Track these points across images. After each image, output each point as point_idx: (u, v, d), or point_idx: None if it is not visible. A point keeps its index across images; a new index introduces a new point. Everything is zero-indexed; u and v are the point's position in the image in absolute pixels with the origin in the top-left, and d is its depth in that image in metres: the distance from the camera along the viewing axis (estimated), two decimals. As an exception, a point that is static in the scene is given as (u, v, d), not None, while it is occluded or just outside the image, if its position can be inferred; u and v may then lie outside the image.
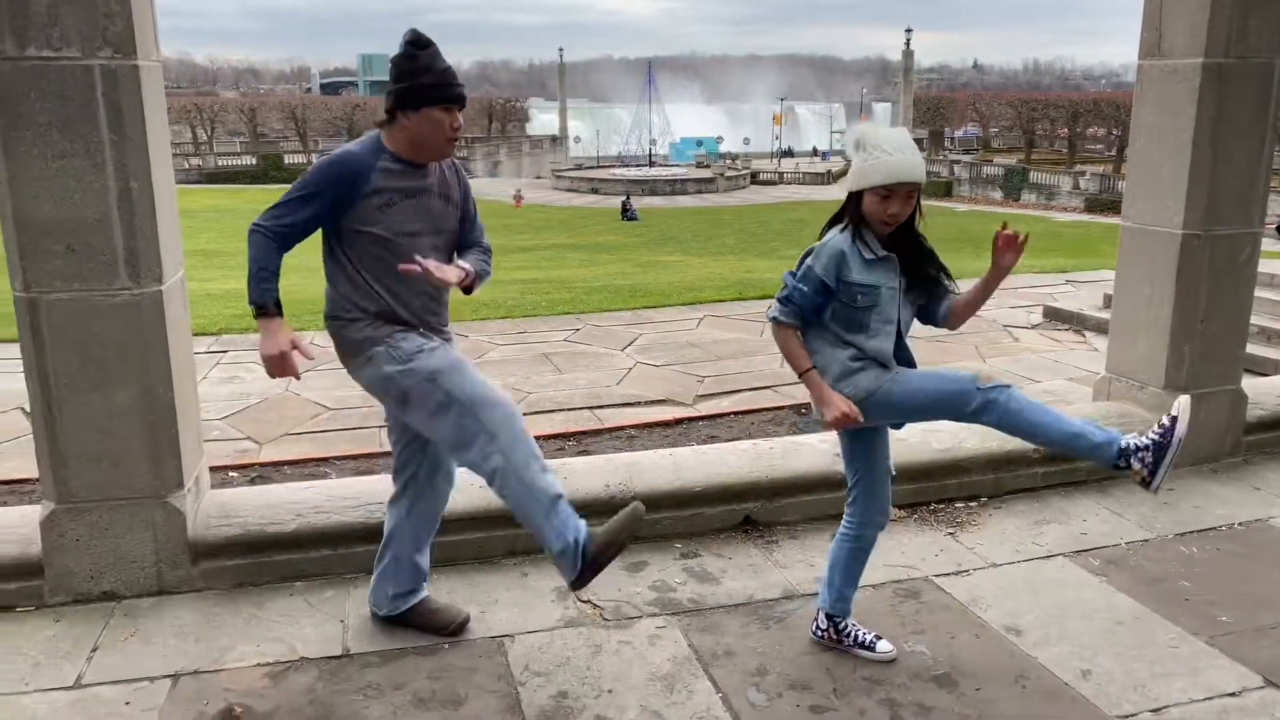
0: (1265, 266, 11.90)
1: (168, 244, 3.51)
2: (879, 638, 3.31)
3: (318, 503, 3.87)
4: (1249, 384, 5.20)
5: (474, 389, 3.01)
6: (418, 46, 3.00)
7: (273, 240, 3.03)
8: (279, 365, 3.01)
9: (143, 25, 3.33)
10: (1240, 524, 4.33)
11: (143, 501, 3.56)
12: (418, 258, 2.98)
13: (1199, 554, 4.07)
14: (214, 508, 3.82)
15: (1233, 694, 3.11)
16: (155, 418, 3.52)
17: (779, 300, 3.04)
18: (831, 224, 3.08)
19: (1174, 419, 2.96)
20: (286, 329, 3.04)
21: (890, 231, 2.95)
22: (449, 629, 3.43)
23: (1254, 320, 9.90)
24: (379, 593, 3.46)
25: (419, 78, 2.99)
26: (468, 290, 3.20)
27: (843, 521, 3.34)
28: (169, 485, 3.59)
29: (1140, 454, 2.94)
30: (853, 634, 3.31)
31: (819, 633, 3.37)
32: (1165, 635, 3.45)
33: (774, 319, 3.04)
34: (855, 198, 2.94)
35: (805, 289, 2.98)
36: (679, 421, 7.12)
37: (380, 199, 3.02)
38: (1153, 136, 4.75)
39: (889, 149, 2.85)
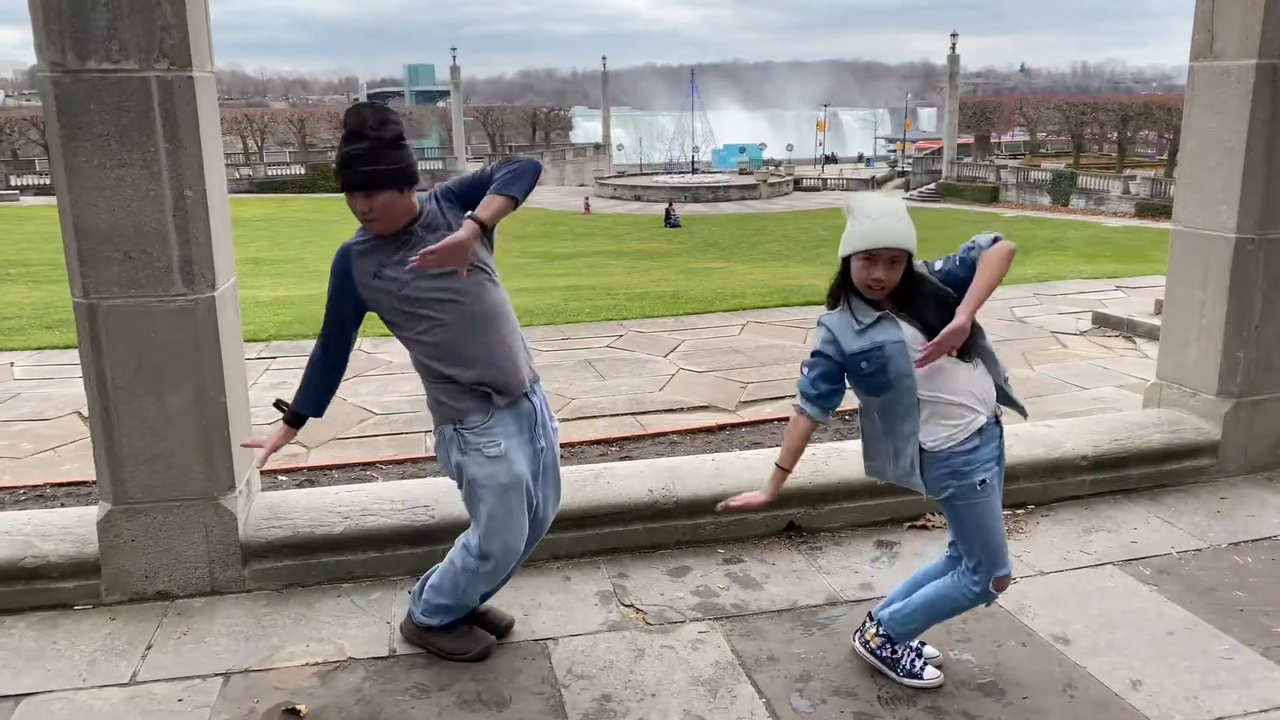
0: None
1: (220, 251, 3.59)
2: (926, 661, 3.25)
3: (365, 505, 3.93)
4: (1306, 391, 5.08)
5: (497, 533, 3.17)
6: (345, 127, 2.96)
7: (317, 348, 3.23)
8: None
9: (197, 37, 3.42)
10: (1297, 534, 4.23)
11: (196, 503, 3.64)
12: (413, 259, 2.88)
13: (1253, 564, 3.98)
14: (264, 510, 3.90)
15: (1289, 707, 3.04)
16: (208, 421, 3.60)
17: (799, 392, 3.05)
18: (830, 297, 3.04)
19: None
20: (278, 437, 3.29)
21: (881, 297, 2.90)
22: (495, 631, 3.46)
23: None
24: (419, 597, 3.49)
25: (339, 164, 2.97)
26: (488, 226, 2.98)
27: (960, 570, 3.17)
28: (221, 487, 3.66)
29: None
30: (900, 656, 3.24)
31: (862, 640, 3.32)
32: (1218, 646, 3.38)
33: (797, 408, 3.05)
34: (845, 265, 2.91)
35: (810, 373, 3.01)
36: (721, 428, 7.12)
37: (370, 280, 3.05)
38: (1204, 139, 4.67)
39: (870, 214, 2.84)
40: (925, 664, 3.22)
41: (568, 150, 72.50)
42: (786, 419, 7.21)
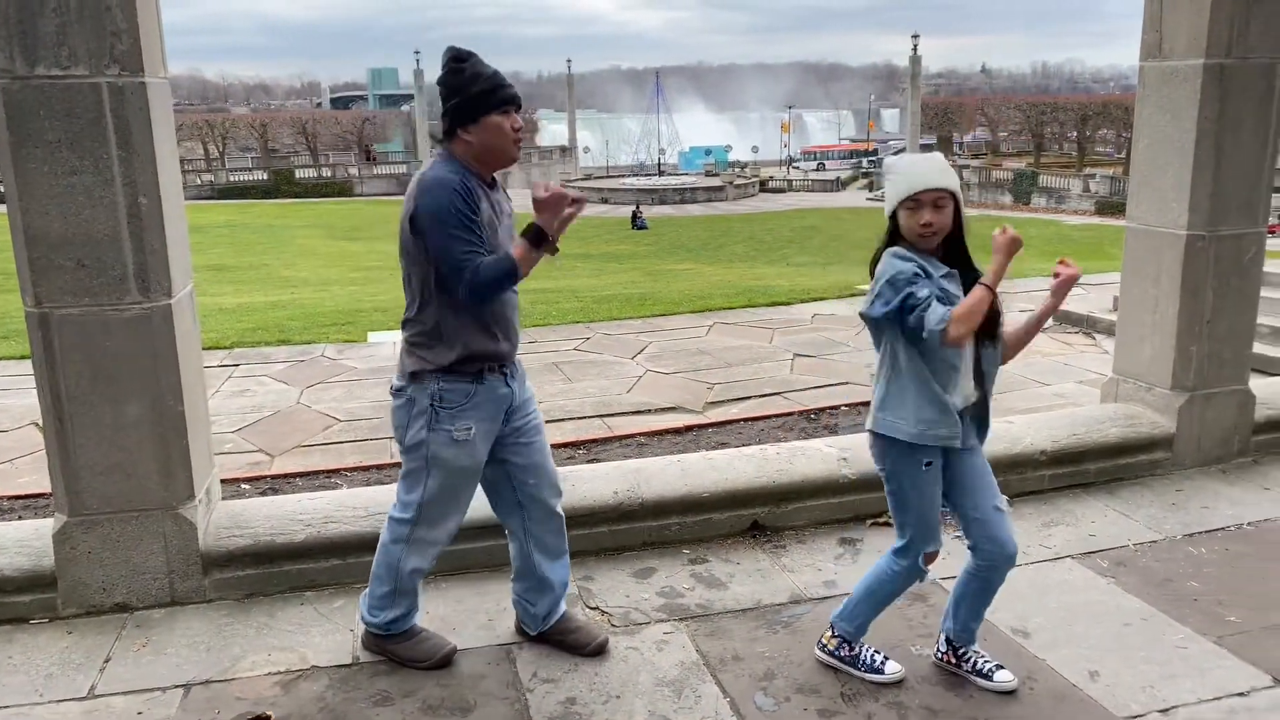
0: (1275, 266, 11.88)
1: (177, 258, 3.55)
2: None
3: (328, 513, 3.90)
4: (1257, 384, 5.19)
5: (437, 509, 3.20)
6: (459, 61, 2.99)
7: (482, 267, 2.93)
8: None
9: (150, 43, 3.38)
10: (1249, 524, 4.32)
11: (154, 513, 3.60)
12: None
13: (1207, 554, 4.06)
14: (225, 519, 3.86)
15: (1241, 694, 3.10)
16: (166, 430, 3.56)
17: (921, 312, 2.79)
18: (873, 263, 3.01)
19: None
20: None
21: (933, 246, 2.91)
22: (587, 649, 3.39)
23: (1266, 320, 9.89)
24: (525, 613, 3.46)
25: (469, 89, 2.96)
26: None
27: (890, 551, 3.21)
28: (180, 497, 3.62)
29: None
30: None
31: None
32: (1174, 636, 3.44)
33: (939, 329, 2.77)
34: (894, 223, 2.93)
35: (920, 290, 2.82)
36: (689, 429, 7.14)
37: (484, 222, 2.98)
38: (1155, 138, 4.76)
39: (911, 163, 2.93)
40: (885, 659, 3.25)
41: (534, 153, 72.25)
42: (755, 419, 7.30)
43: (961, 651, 3.24)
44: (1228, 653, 3.32)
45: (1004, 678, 3.16)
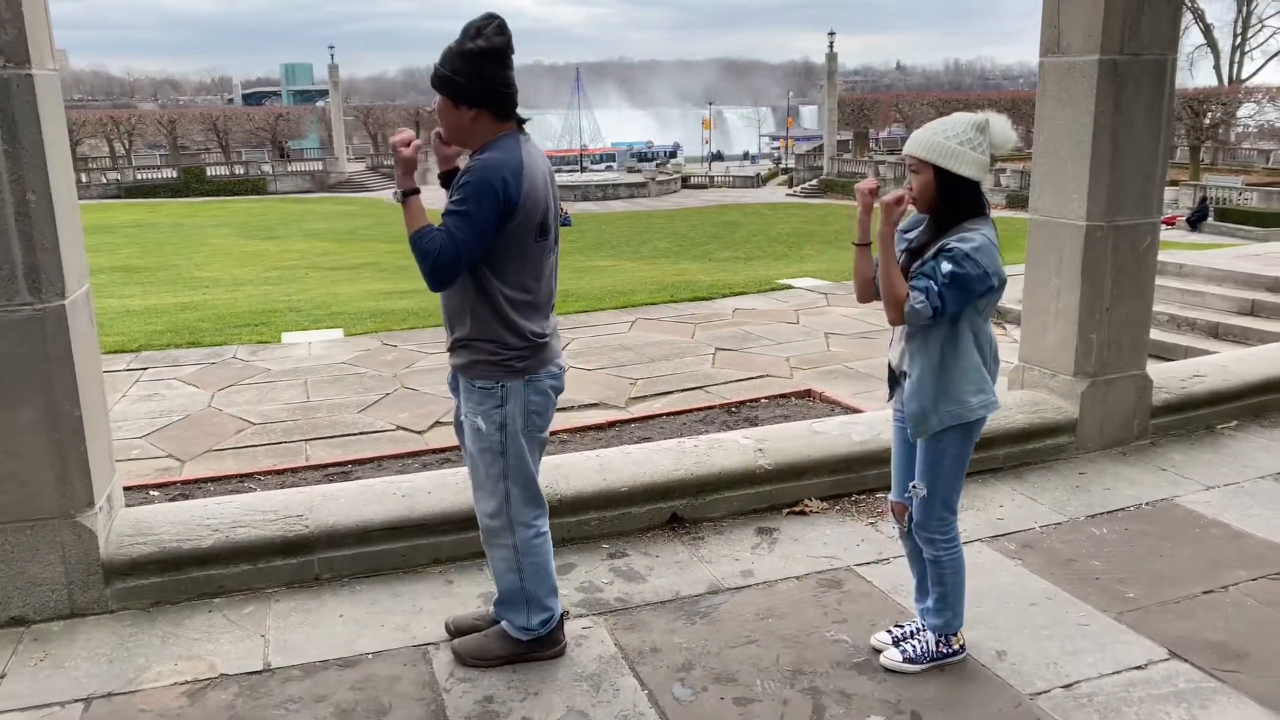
0: (1172, 256, 12.39)
1: (70, 257, 3.42)
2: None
3: (236, 517, 3.80)
4: (1154, 369, 5.39)
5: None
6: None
7: None
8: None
9: (36, 34, 3.25)
10: (1147, 504, 4.48)
11: (50, 522, 3.46)
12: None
13: (1109, 534, 4.20)
14: (128, 526, 3.73)
15: (1139, 667, 3.22)
16: (62, 435, 3.43)
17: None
18: (962, 215, 2.94)
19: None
20: None
21: (922, 210, 3.02)
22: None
23: (1163, 308, 10.32)
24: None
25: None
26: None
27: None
28: (78, 504, 3.49)
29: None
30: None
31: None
32: (1076, 614, 3.55)
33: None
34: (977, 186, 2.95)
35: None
36: (611, 424, 7.15)
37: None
38: (1055, 131, 4.90)
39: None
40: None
41: (454, 150, 71.35)
42: (677, 413, 7.34)
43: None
44: (1126, 628, 3.45)
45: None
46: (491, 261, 2.95)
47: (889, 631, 3.35)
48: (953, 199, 2.93)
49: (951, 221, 2.94)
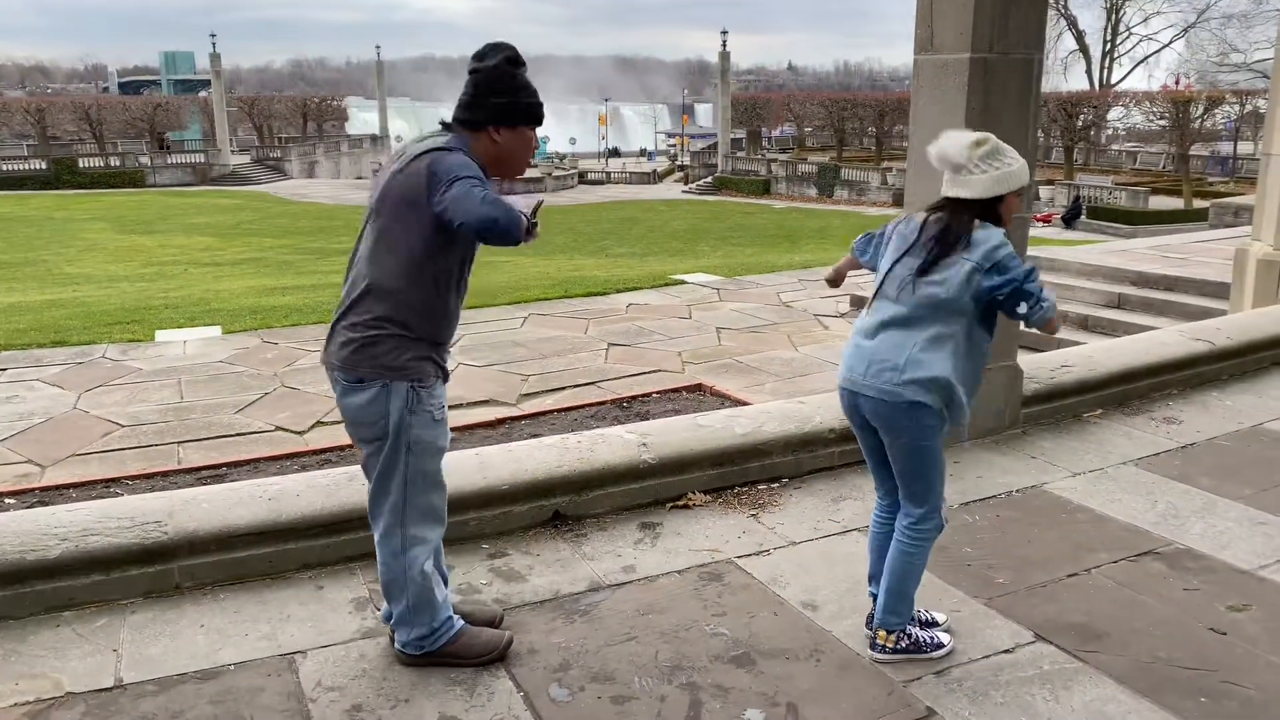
0: (1044, 251, 12.87)
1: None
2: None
3: (87, 525, 3.58)
4: (1025, 360, 5.56)
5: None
6: (516, 64, 2.96)
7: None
8: None
9: None
10: (1017, 491, 4.62)
11: (-125, 536, 3.21)
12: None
13: (980, 521, 4.31)
14: (-35, 538, 3.48)
15: (1007, 650, 3.30)
16: (-114, 442, 3.17)
17: (1043, 296, 3.01)
18: (968, 226, 3.09)
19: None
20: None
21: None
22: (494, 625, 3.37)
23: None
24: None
25: (521, 96, 2.96)
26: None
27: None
28: (-93, 516, 3.24)
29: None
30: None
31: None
32: (949, 600, 3.63)
33: (1050, 309, 3.02)
34: (992, 203, 3.08)
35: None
36: (501, 422, 7.04)
37: None
38: (929, 129, 4.98)
39: (1016, 156, 3.12)
40: (935, 628, 3.34)
41: (343, 142, 69.45)
42: (569, 409, 7.27)
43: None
44: (996, 613, 3.53)
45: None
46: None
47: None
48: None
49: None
